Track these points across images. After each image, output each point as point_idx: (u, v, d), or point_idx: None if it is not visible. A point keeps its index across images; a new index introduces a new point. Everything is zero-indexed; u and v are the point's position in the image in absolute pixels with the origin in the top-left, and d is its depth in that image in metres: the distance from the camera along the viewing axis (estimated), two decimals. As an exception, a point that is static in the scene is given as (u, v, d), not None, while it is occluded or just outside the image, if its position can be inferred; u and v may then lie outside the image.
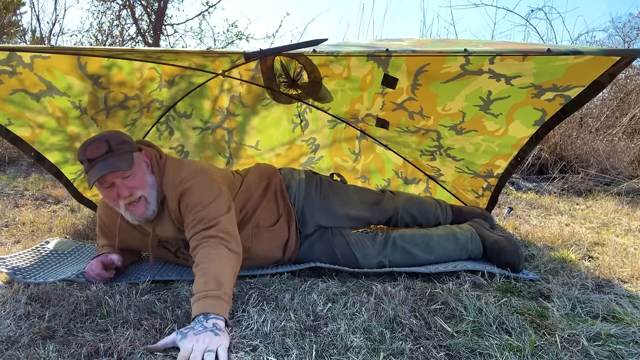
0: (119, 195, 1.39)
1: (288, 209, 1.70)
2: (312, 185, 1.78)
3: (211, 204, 1.39)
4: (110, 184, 1.39)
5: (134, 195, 1.40)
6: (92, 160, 1.37)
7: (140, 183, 1.41)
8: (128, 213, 1.43)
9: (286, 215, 1.69)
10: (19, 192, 2.98)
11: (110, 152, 1.37)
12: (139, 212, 1.43)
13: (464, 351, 1.06)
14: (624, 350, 1.08)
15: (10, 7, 6.37)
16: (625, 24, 5.50)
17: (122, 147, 1.41)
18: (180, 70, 1.96)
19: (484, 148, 1.94)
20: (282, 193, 1.73)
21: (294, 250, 1.69)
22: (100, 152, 1.37)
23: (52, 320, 1.21)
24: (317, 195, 1.76)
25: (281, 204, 1.71)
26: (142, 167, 1.45)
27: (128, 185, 1.39)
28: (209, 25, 12.23)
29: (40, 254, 1.78)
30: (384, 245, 1.66)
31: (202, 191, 1.42)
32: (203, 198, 1.40)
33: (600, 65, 1.39)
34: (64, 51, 1.64)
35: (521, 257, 1.61)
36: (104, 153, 1.37)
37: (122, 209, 1.43)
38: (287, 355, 1.03)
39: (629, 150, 4.19)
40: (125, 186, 1.39)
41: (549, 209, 2.88)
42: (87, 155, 1.37)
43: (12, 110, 1.76)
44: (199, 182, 1.45)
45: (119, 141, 1.42)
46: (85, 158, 1.38)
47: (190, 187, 1.43)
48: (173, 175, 1.47)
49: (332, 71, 1.85)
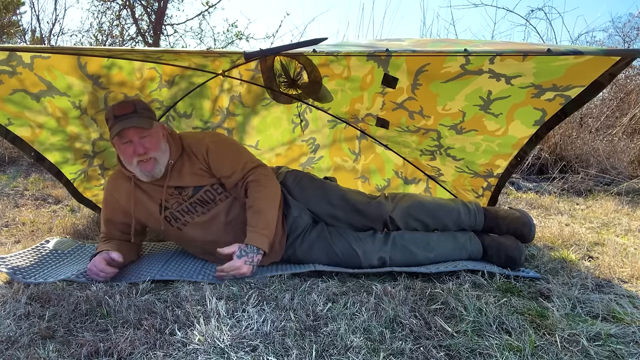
0: (135, 151, 1.56)
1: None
2: (290, 177, 1.84)
3: (244, 152, 1.74)
4: (128, 140, 1.56)
5: (147, 154, 1.57)
6: (118, 116, 1.55)
7: (154, 145, 1.59)
8: (138, 169, 1.59)
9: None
10: (19, 192, 2.98)
11: (135, 113, 1.56)
12: (148, 169, 1.59)
13: (464, 351, 1.06)
14: (624, 350, 1.08)
15: (10, 7, 6.37)
16: (625, 24, 5.50)
17: (146, 112, 1.60)
18: (180, 70, 1.96)
19: (484, 148, 1.94)
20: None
21: (278, 247, 1.70)
22: (127, 110, 1.56)
23: (52, 320, 1.21)
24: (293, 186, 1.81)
25: None
26: (159, 133, 1.63)
27: (144, 144, 1.57)
28: (209, 25, 12.21)
29: (40, 254, 1.78)
30: (384, 242, 1.67)
31: (230, 145, 1.73)
32: (234, 149, 1.71)
33: (600, 65, 1.39)
34: (64, 51, 1.64)
35: (522, 251, 1.61)
36: (130, 112, 1.55)
37: (133, 165, 1.59)
38: (287, 355, 1.03)
39: (629, 150, 4.19)
40: (141, 144, 1.56)
41: (549, 209, 2.88)
42: (115, 112, 1.56)
43: (12, 110, 1.76)
44: (223, 139, 1.76)
45: (143, 106, 1.62)
46: (112, 115, 1.56)
47: (216, 142, 1.69)
48: (195, 136, 1.75)
49: (332, 71, 1.85)
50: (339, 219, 1.77)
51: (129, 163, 1.60)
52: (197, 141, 1.69)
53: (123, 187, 1.71)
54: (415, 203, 1.79)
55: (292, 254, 1.72)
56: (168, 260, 1.75)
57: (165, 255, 1.84)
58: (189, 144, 1.69)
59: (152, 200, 1.69)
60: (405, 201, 1.79)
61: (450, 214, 1.78)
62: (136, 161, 1.58)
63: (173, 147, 1.66)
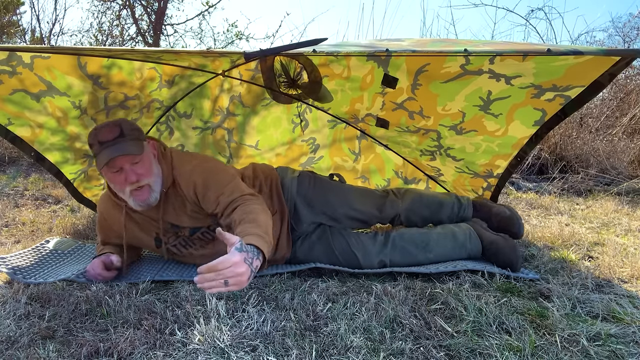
0: (127, 180, 1.42)
1: (282, 208, 1.71)
2: (305, 182, 1.78)
3: (233, 181, 1.49)
4: (119, 169, 1.42)
5: (140, 182, 1.43)
6: (103, 142, 1.39)
7: (147, 171, 1.45)
8: (132, 199, 1.46)
9: (280, 213, 1.70)
10: (19, 192, 2.98)
11: (122, 137, 1.40)
12: (143, 198, 1.46)
13: (464, 351, 1.06)
14: (624, 350, 1.08)
15: (10, 7, 6.36)
16: (625, 24, 5.49)
17: (134, 134, 1.44)
18: (180, 70, 1.95)
19: (484, 148, 1.94)
20: (277, 190, 1.74)
21: (286, 251, 1.69)
22: (112, 135, 1.40)
23: (52, 320, 1.21)
24: (311, 193, 1.76)
25: (275, 201, 1.72)
26: (150, 156, 1.50)
27: (136, 171, 1.43)
28: (209, 25, 12.21)
29: (41, 254, 1.78)
30: (384, 244, 1.67)
31: (220, 174, 1.51)
32: (223, 178, 1.49)
33: (600, 65, 1.39)
34: (64, 51, 1.64)
35: (519, 256, 1.61)
36: (116, 137, 1.40)
37: (126, 194, 1.46)
38: (287, 355, 1.03)
39: (629, 150, 4.18)
40: (133, 172, 1.42)
41: (549, 209, 2.88)
42: (99, 137, 1.40)
43: (12, 110, 1.76)
44: (214, 166, 1.54)
45: (131, 127, 1.45)
46: (97, 141, 1.40)
47: (208, 170, 1.51)
48: (185, 163, 1.54)
49: (332, 71, 1.85)
50: (356, 220, 1.81)
51: (121, 191, 1.48)
52: (185, 176, 1.51)
53: (115, 215, 1.62)
54: (416, 197, 1.91)
55: (292, 254, 1.72)
56: (168, 260, 1.75)
57: (165, 255, 1.84)
58: (178, 176, 1.52)
59: (145, 232, 1.62)
60: (409, 196, 1.91)
61: (445, 209, 1.91)
62: (129, 190, 1.44)
63: (165, 170, 1.53)
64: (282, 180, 1.78)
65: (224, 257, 1.08)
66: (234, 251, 1.10)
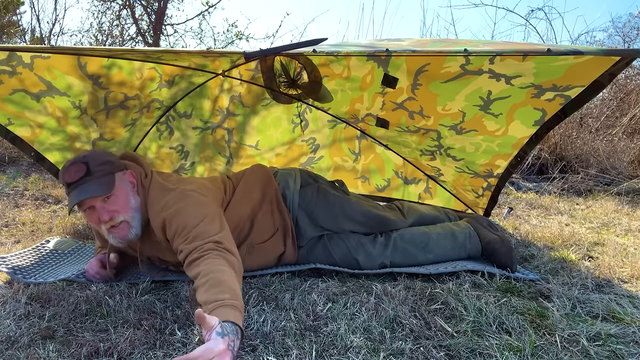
0: (100, 219, 1.35)
1: (284, 223, 1.64)
2: (307, 195, 1.71)
3: (201, 224, 1.30)
4: (90, 207, 1.35)
5: (114, 220, 1.35)
6: (70, 184, 1.33)
7: (121, 206, 1.36)
8: (111, 236, 1.39)
9: (282, 229, 1.64)
10: (19, 192, 2.98)
11: (89, 176, 1.33)
12: (121, 235, 1.38)
13: (464, 351, 1.06)
14: (624, 350, 1.08)
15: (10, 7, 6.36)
16: (625, 24, 5.49)
17: (102, 169, 1.36)
18: (180, 70, 1.95)
19: (484, 148, 1.94)
20: (278, 205, 1.66)
21: (290, 260, 1.67)
22: (78, 175, 1.32)
23: (52, 320, 1.21)
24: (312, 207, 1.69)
25: (277, 217, 1.65)
26: (125, 189, 1.40)
27: (108, 209, 1.35)
28: (209, 25, 12.23)
29: (41, 253, 1.78)
30: (384, 246, 1.66)
31: (188, 214, 1.33)
32: (189, 221, 1.31)
33: (600, 65, 1.39)
34: (64, 51, 1.64)
35: (514, 259, 1.61)
36: (81, 177, 1.32)
37: (104, 232, 1.39)
38: (287, 355, 1.03)
39: (629, 150, 4.18)
40: (105, 210, 1.34)
41: (549, 209, 2.88)
42: (66, 179, 1.34)
43: (12, 110, 1.76)
44: (184, 205, 1.36)
45: (99, 162, 1.36)
46: (65, 182, 1.34)
47: (175, 212, 1.34)
48: (156, 199, 1.41)
49: (332, 71, 1.85)
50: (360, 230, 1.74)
51: (99, 229, 1.41)
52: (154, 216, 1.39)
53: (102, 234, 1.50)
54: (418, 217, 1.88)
55: None
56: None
57: (165, 255, 1.84)
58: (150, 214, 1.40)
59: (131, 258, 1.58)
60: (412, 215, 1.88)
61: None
62: (105, 228, 1.37)
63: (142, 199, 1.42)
64: (283, 191, 1.70)
65: (207, 347, 0.92)
66: (216, 337, 0.95)
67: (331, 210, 1.71)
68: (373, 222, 1.75)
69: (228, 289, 1.08)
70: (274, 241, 1.61)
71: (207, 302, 1.05)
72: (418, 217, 1.89)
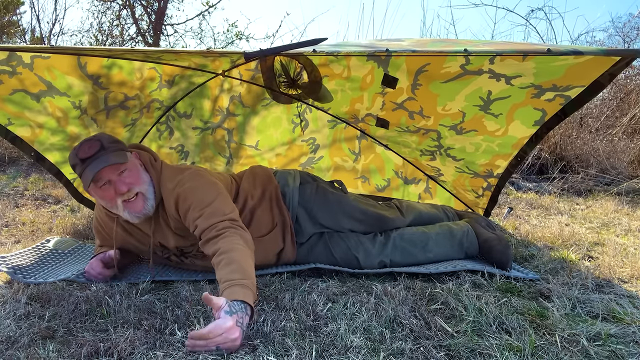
0: (116, 191, 1.37)
1: (283, 219, 1.66)
2: (306, 192, 1.73)
3: (216, 201, 1.39)
4: (106, 182, 1.37)
5: (131, 191, 1.38)
6: (85, 159, 1.34)
7: (136, 179, 1.40)
8: (126, 212, 1.40)
9: (281, 225, 1.65)
10: (19, 192, 2.98)
11: (103, 150, 1.36)
12: (138, 209, 1.41)
13: (464, 351, 1.06)
14: (624, 350, 1.08)
15: (10, 7, 6.37)
16: (625, 24, 5.49)
17: (115, 145, 1.40)
18: (180, 70, 1.95)
19: (484, 148, 1.94)
20: (277, 202, 1.68)
21: (290, 258, 1.67)
22: (92, 151, 1.35)
23: (52, 320, 1.21)
24: (312, 204, 1.70)
25: (276, 213, 1.66)
26: (137, 164, 1.45)
27: (124, 180, 1.37)
28: (209, 25, 12.22)
29: (41, 253, 1.78)
30: (384, 244, 1.67)
31: (203, 191, 1.41)
32: (205, 197, 1.39)
33: (600, 66, 1.39)
34: (64, 51, 1.64)
35: (509, 257, 1.63)
36: (97, 151, 1.35)
37: (119, 209, 1.40)
38: (287, 355, 1.03)
39: (629, 150, 4.18)
40: (122, 182, 1.37)
41: (549, 209, 2.88)
42: (80, 155, 1.35)
43: (12, 110, 1.76)
44: (199, 183, 1.43)
45: (110, 140, 1.41)
46: (78, 159, 1.35)
47: (189, 189, 1.41)
48: (170, 176, 1.46)
49: (332, 71, 1.85)
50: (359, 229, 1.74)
51: (113, 207, 1.41)
52: (167, 193, 1.44)
53: (109, 224, 1.58)
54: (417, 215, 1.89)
55: None
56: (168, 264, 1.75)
57: (165, 255, 1.84)
58: (163, 192, 1.45)
59: (140, 243, 1.59)
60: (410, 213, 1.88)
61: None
62: (121, 202, 1.38)
63: (155, 179, 1.46)
64: (282, 189, 1.71)
65: (216, 324, 1.02)
66: (225, 316, 1.04)
67: (330, 207, 1.72)
68: (371, 219, 1.75)
69: (239, 268, 1.19)
70: (272, 236, 1.62)
71: (220, 280, 1.18)
72: (417, 215, 1.89)
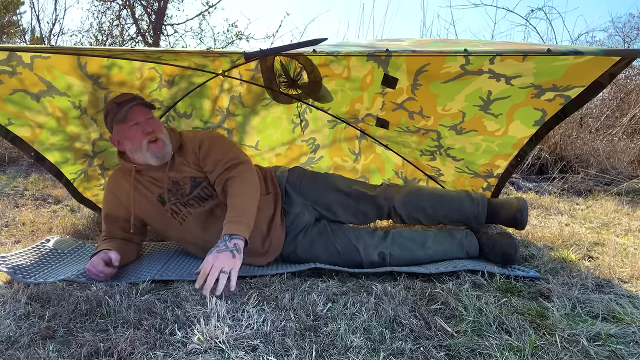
0: (143, 131, 1.60)
1: (276, 191, 1.82)
2: (295, 172, 1.89)
3: (233, 149, 1.70)
4: (135, 124, 1.60)
5: (155, 133, 1.62)
6: (120, 103, 1.61)
7: (159, 127, 1.65)
8: (149, 152, 1.62)
9: (274, 195, 1.80)
10: (19, 192, 2.98)
11: (138, 99, 1.64)
12: (159, 149, 1.63)
13: (464, 351, 1.06)
14: (624, 350, 1.08)
15: (10, 7, 6.37)
16: (625, 24, 5.49)
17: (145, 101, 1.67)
18: (180, 70, 1.96)
19: (484, 148, 1.94)
20: (271, 178, 1.86)
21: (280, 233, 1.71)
22: (128, 97, 1.64)
23: (52, 320, 1.21)
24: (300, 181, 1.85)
25: (270, 185, 1.83)
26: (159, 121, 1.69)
27: (150, 124, 1.62)
28: (209, 25, 12.21)
29: (41, 253, 1.78)
30: (383, 238, 1.69)
31: (223, 142, 1.72)
32: (224, 145, 1.70)
33: (600, 66, 1.39)
34: (64, 51, 1.64)
35: (517, 247, 1.63)
36: (131, 98, 1.63)
37: (143, 148, 1.61)
38: (287, 355, 1.03)
39: (629, 150, 4.18)
40: (148, 124, 1.62)
41: (549, 209, 2.88)
42: (116, 100, 1.63)
43: (12, 110, 1.76)
44: (217, 136, 1.77)
45: (142, 97, 1.68)
46: (114, 103, 1.62)
47: (211, 140, 1.71)
48: (194, 133, 1.77)
49: (332, 71, 1.85)
50: (348, 206, 1.81)
51: (138, 148, 1.62)
52: (193, 137, 1.73)
53: (123, 184, 1.73)
54: (415, 190, 1.89)
55: (292, 251, 1.72)
56: (168, 260, 1.75)
57: (165, 255, 1.84)
58: (186, 140, 1.73)
59: (152, 193, 1.71)
60: (406, 189, 1.89)
61: (452, 202, 1.84)
62: (146, 142, 1.61)
63: (173, 139, 1.70)
64: (275, 172, 1.90)
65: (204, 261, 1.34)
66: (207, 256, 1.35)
67: (317, 182, 1.85)
68: (355, 194, 1.84)
69: (236, 209, 1.48)
70: (267, 199, 1.75)
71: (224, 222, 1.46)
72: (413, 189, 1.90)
